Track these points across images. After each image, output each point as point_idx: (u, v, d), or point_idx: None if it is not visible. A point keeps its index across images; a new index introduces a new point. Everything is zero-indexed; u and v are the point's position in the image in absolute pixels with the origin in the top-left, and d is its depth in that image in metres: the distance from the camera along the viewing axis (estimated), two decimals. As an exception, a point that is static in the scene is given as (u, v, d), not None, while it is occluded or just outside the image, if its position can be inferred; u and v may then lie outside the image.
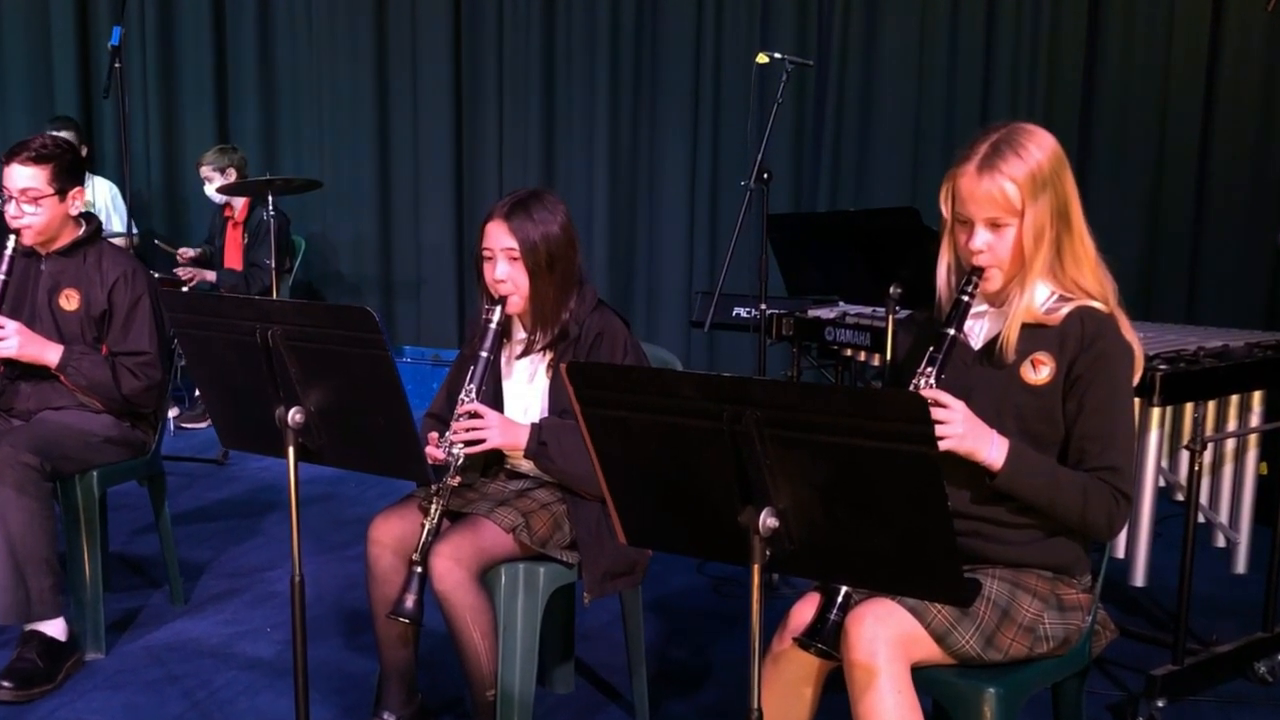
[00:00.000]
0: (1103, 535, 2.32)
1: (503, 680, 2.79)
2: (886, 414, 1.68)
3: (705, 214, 6.98)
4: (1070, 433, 2.31)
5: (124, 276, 3.57)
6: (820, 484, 1.80)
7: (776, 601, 4.08)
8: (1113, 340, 2.31)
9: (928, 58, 6.45)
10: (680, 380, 1.87)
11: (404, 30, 7.36)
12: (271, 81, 7.58)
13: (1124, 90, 6.03)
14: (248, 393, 2.51)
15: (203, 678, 3.41)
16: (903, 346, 2.58)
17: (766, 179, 4.57)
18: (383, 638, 2.92)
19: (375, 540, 2.85)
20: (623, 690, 3.40)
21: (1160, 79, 5.94)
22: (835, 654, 2.20)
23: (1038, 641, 2.27)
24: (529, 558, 2.83)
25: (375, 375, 2.33)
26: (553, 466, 2.84)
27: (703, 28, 6.84)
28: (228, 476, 5.55)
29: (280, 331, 2.37)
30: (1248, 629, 3.57)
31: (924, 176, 6.52)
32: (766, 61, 4.65)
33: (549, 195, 2.93)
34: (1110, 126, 6.08)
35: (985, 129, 2.37)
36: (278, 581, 4.19)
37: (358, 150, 7.48)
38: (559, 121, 7.21)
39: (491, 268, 2.87)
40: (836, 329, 3.97)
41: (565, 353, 2.91)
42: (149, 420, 3.70)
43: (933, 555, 1.76)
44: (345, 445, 2.46)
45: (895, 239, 3.57)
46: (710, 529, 1.97)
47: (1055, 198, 2.30)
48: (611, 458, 2.01)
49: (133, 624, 3.77)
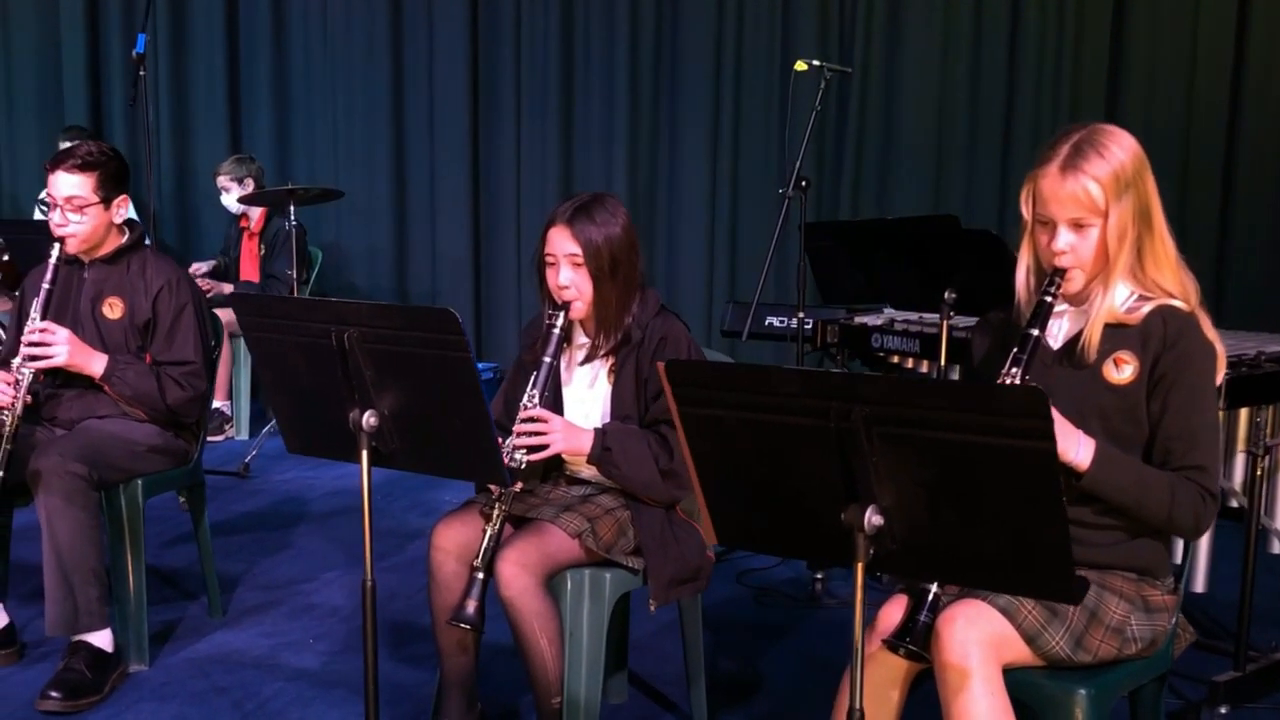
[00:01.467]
0: (1189, 535, 2.35)
1: (569, 687, 2.80)
2: (1006, 409, 1.70)
3: (725, 224, 7.02)
4: (1154, 433, 2.33)
5: (168, 285, 3.58)
6: (928, 481, 1.83)
7: (818, 612, 4.11)
8: (1196, 339, 2.34)
9: (950, 67, 6.50)
10: (784, 377, 1.89)
11: (420, 38, 7.41)
12: (285, 90, 7.63)
13: (1149, 98, 6.09)
14: (318, 396, 2.54)
15: (250, 689, 3.42)
16: (980, 349, 2.61)
17: (805, 186, 4.60)
18: (443, 645, 2.93)
19: (438, 547, 2.86)
20: (676, 700, 3.41)
21: (1184, 88, 5.99)
22: (925, 655, 2.22)
23: (1126, 643, 2.29)
24: (594, 564, 2.85)
25: (454, 378, 2.35)
26: (617, 472, 2.86)
27: (723, 37, 6.90)
28: (251, 489, 5.55)
29: (356, 334, 2.40)
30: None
31: (946, 185, 6.58)
32: (805, 69, 4.70)
33: (611, 199, 2.95)
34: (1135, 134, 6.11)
35: (1064, 130, 2.40)
36: (314, 594, 4.20)
37: (373, 160, 7.52)
38: (577, 131, 7.26)
39: (555, 273, 2.89)
40: (884, 335, 4.01)
41: (628, 358, 2.94)
42: (191, 430, 3.71)
43: (1045, 553, 1.79)
44: (419, 448, 2.48)
45: (940, 245, 3.61)
46: (808, 528, 1.99)
47: (1138, 198, 2.33)
48: (707, 457, 2.03)
49: (172, 636, 3.77)
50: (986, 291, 3.39)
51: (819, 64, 4.71)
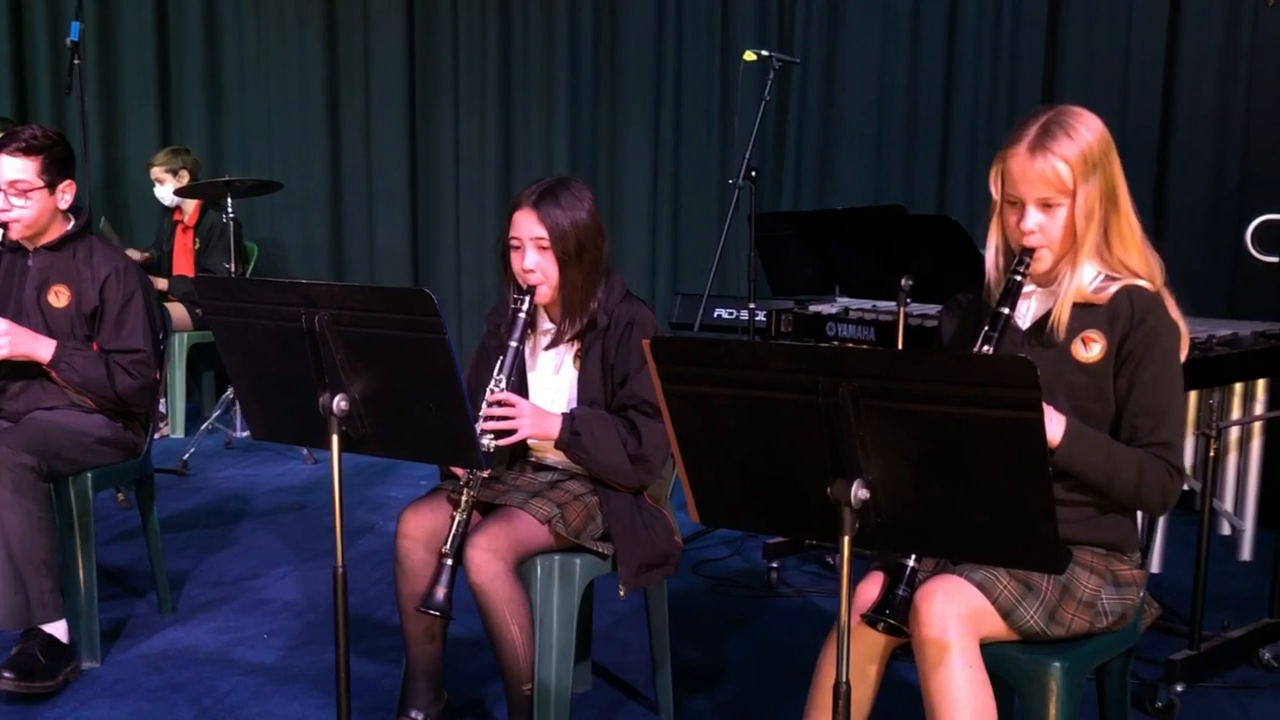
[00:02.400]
0: (1156, 510, 2.42)
1: (539, 674, 2.82)
2: (995, 379, 1.75)
3: (668, 215, 7.05)
4: (1121, 410, 2.40)
5: (116, 272, 3.55)
6: (915, 454, 1.87)
7: (775, 600, 4.16)
8: (1162, 318, 2.41)
9: (889, 58, 6.59)
10: (772, 353, 1.93)
11: (355, 27, 7.36)
12: (217, 80, 7.52)
13: (1085, 85, 6.20)
14: (286, 380, 2.53)
15: (206, 684, 3.40)
16: (949, 329, 2.66)
17: (754, 176, 4.65)
18: (411, 634, 2.94)
19: (405, 534, 2.87)
20: (640, 688, 3.44)
21: (1121, 79, 6.12)
22: (904, 629, 2.27)
23: (1098, 617, 2.35)
24: (563, 549, 2.87)
25: (430, 360, 2.35)
26: (585, 457, 2.88)
27: (664, 27, 6.92)
28: (190, 487, 5.50)
29: (327, 316, 2.39)
30: (1251, 616, 3.70)
31: (886, 174, 6.67)
32: (754, 59, 4.75)
33: (576, 182, 2.98)
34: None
35: (1032, 111, 2.46)
36: (264, 589, 4.17)
37: (308, 151, 7.46)
38: (516, 121, 7.25)
39: (520, 257, 2.91)
40: (839, 324, 4.06)
41: (594, 343, 2.96)
42: (140, 421, 3.67)
43: (1031, 523, 1.83)
44: (392, 432, 2.48)
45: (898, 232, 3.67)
46: (793, 504, 2.02)
47: (1104, 179, 2.40)
48: (691, 435, 2.05)
49: (122, 633, 3.74)
50: (944, 277, 3.47)
51: (768, 54, 4.77)
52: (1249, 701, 3.40)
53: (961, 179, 6.53)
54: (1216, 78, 5.91)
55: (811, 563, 4.48)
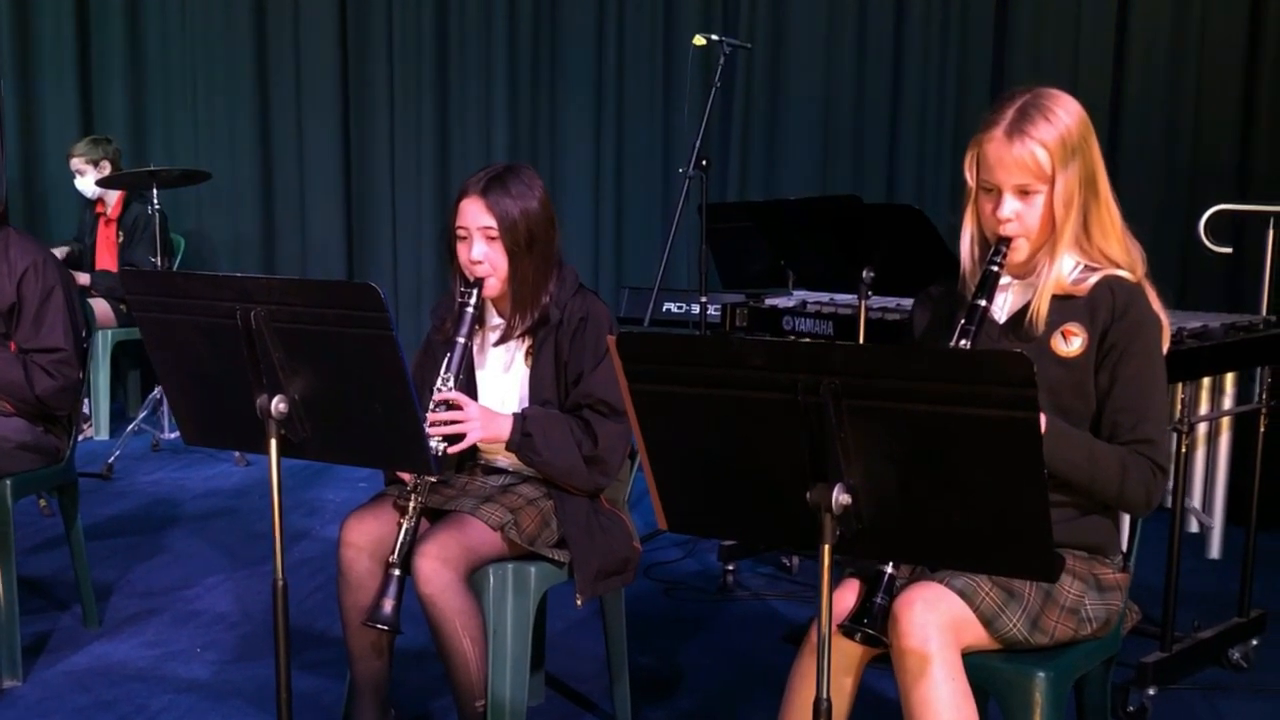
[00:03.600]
0: (1139, 510, 2.36)
1: (493, 689, 2.71)
2: (989, 376, 1.67)
3: (611, 206, 6.95)
4: (1102, 406, 2.33)
5: (34, 266, 3.39)
6: (900, 456, 1.79)
7: (731, 604, 4.08)
8: (1145, 310, 2.34)
9: (836, 43, 6.53)
10: (748, 349, 1.83)
11: (285, 9, 7.17)
12: (140, 65, 7.29)
13: (1034, 78, 6.14)
14: (220, 381, 2.41)
15: (137, 703, 3.25)
16: (921, 323, 2.58)
17: (705, 165, 4.56)
18: (355, 648, 2.82)
19: (349, 543, 2.75)
20: (595, 699, 3.34)
21: (1070, 66, 6.11)
22: (883, 639, 2.18)
23: (1081, 624, 2.29)
24: (517, 557, 2.76)
25: (376, 359, 2.24)
26: (538, 459, 2.77)
27: (604, 12, 6.82)
28: (116, 491, 5.32)
29: (264, 312, 2.27)
30: (1219, 616, 3.66)
31: (833, 163, 6.62)
32: (704, 44, 4.66)
33: (526, 170, 2.87)
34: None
35: (1008, 93, 2.38)
36: (196, 600, 4.03)
37: (236, 140, 7.26)
38: (453, 108, 7.12)
39: (467, 248, 2.80)
40: (796, 318, 3.97)
41: (546, 339, 2.85)
42: (63, 424, 3.52)
43: (1025, 529, 1.76)
44: (335, 436, 2.37)
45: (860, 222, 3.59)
46: (768, 510, 1.94)
47: (1084, 164, 2.33)
48: (660, 437, 1.96)
49: (45, 649, 3.58)
50: (907, 269, 3.40)
51: (718, 38, 4.68)
52: (1220, 702, 3.37)
53: (910, 165, 6.50)
54: (1166, 68, 5.92)
55: (766, 564, 4.40)
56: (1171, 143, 5.91)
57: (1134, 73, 5.99)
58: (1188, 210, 5.63)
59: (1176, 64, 5.89)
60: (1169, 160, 5.91)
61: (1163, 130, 5.91)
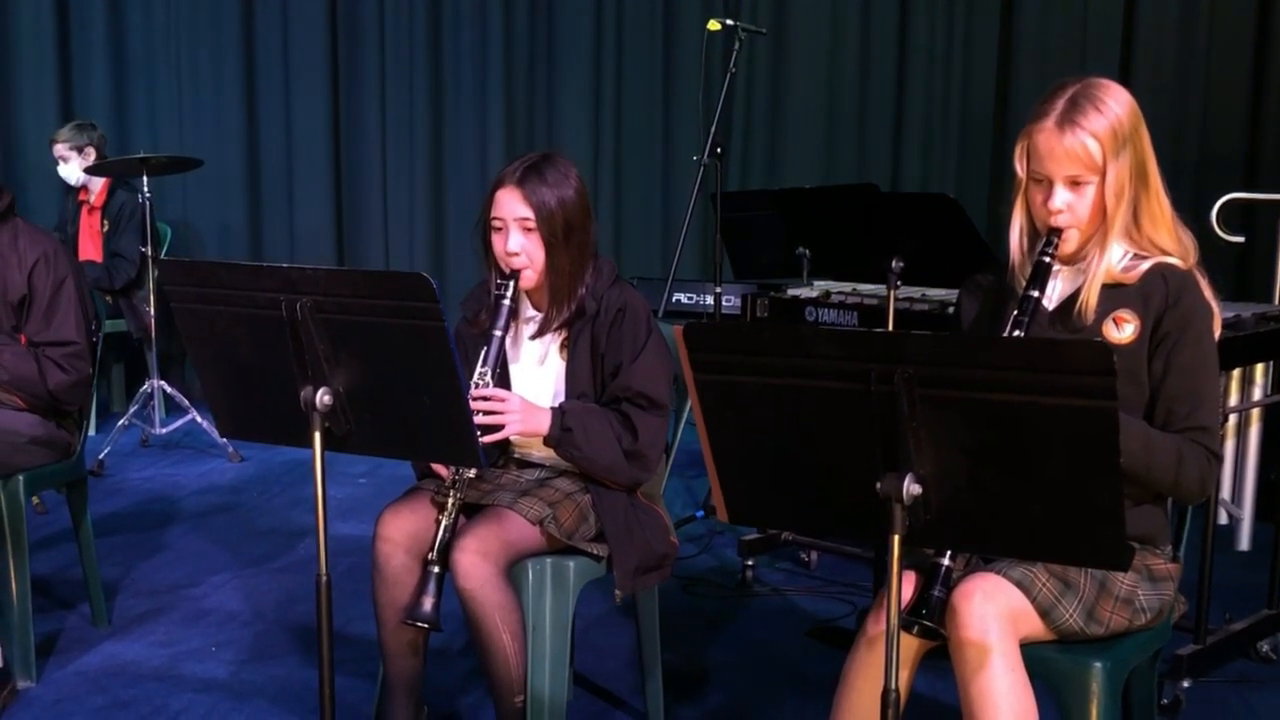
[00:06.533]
0: (1195, 498, 2.42)
1: (532, 684, 2.75)
2: (1070, 366, 1.72)
3: (609, 195, 7.01)
4: (1156, 393, 2.39)
5: (45, 257, 3.41)
6: (972, 446, 1.84)
7: (751, 600, 4.14)
8: (1197, 297, 2.40)
9: (839, 29, 6.60)
10: (821, 338, 1.89)
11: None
12: (122, 48, 7.30)
13: (1042, 66, 6.27)
14: (259, 374, 2.44)
15: (156, 703, 3.29)
16: (969, 312, 2.64)
17: (719, 154, 4.61)
18: (391, 646, 2.85)
19: (386, 538, 2.78)
20: (623, 695, 3.40)
21: (1078, 54, 6.19)
22: (940, 632, 2.24)
23: (1136, 614, 2.35)
24: (555, 552, 2.81)
25: (425, 350, 2.28)
26: (577, 454, 2.81)
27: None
28: (108, 489, 5.34)
29: (310, 303, 2.31)
30: (1248, 608, 3.73)
31: (837, 150, 6.68)
32: (718, 29, 4.70)
33: (560, 158, 2.91)
34: (1026, 104, 6.30)
35: (1058, 84, 2.43)
36: (204, 598, 4.06)
37: (222, 127, 7.29)
38: (447, 94, 7.17)
39: (503, 239, 2.84)
40: (820, 309, 4.02)
41: (582, 331, 2.89)
42: (74, 419, 3.54)
43: (1099, 518, 1.81)
44: (380, 429, 2.40)
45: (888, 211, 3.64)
46: (834, 501, 1.99)
47: (1135, 155, 2.38)
48: (724, 429, 2.01)
49: (55, 649, 3.61)
50: (939, 259, 3.46)
51: (733, 24, 4.73)
52: (1251, 695, 3.44)
53: (914, 153, 6.57)
54: (1174, 56, 6.01)
55: (785, 560, 4.46)
56: (1179, 132, 5.99)
57: (1141, 62, 6.07)
58: (1195, 199, 5.71)
59: (1184, 52, 5.98)
60: (1177, 149, 5.98)
61: (1170, 119, 5.99)
